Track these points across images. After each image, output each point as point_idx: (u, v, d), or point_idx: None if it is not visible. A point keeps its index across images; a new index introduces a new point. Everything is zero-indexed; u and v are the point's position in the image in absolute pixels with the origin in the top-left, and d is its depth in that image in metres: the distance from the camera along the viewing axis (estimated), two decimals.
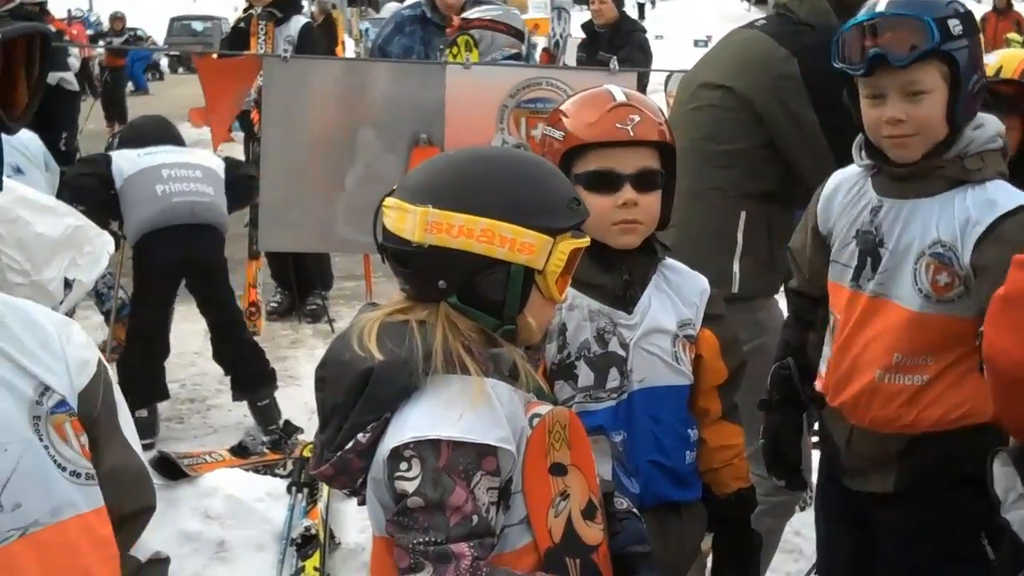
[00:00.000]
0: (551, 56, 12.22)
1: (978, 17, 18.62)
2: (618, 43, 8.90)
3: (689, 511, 2.69)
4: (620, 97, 2.61)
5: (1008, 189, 2.65)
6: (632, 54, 8.66)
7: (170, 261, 5.71)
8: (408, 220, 2.03)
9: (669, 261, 2.71)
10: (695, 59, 4.06)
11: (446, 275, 2.03)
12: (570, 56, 10.63)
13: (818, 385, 2.95)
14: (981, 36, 2.75)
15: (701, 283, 2.74)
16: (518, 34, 5.82)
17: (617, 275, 2.61)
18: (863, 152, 2.77)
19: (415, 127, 5.12)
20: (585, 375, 2.59)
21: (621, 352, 2.59)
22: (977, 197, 2.63)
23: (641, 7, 43.86)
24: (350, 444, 2.01)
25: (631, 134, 2.55)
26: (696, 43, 32.56)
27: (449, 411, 1.95)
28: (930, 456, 2.72)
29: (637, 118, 2.56)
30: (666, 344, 2.62)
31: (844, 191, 2.83)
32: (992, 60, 3.43)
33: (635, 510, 2.26)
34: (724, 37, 3.92)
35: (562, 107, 2.69)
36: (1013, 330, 2.13)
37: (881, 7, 2.60)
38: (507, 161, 2.16)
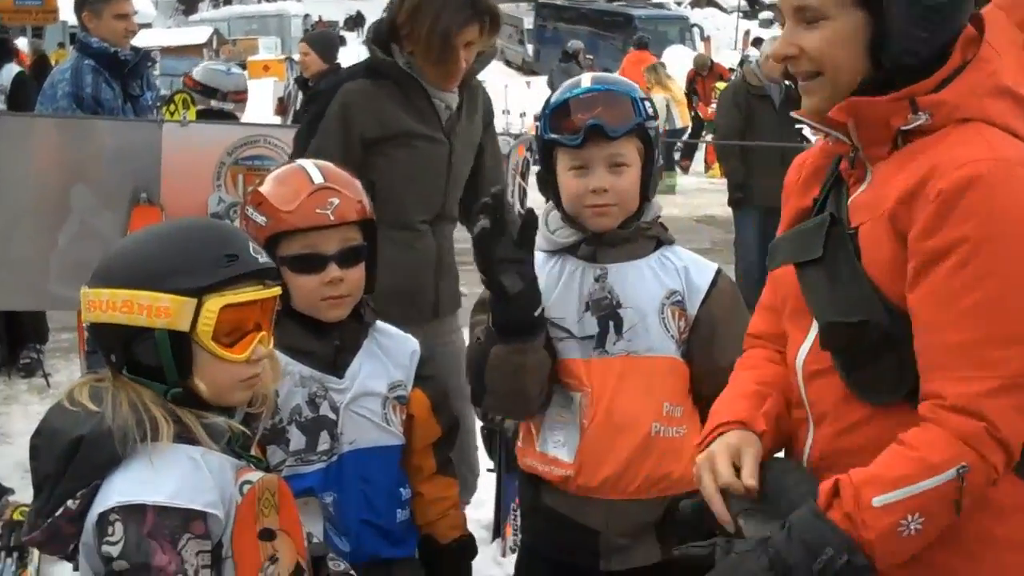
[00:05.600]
0: (284, 105, 12.02)
1: (682, 71, 19.37)
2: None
3: (400, 567, 2.78)
4: (318, 178, 2.66)
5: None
6: None
7: None
8: (81, 302, 2.15)
9: (380, 325, 2.81)
10: None
11: (111, 348, 2.13)
12: None
13: (548, 472, 2.82)
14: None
15: (411, 345, 2.86)
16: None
17: (328, 342, 2.70)
18: (559, 227, 2.83)
19: (133, 184, 5.04)
20: (296, 439, 2.65)
21: (332, 415, 2.67)
22: (683, 256, 2.85)
23: None
24: (60, 511, 2.05)
25: (331, 218, 2.62)
26: None
27: (156, 476, 2.03)
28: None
29: (336, 200, 2.63)
30: (376, 407, 2.72)
31: (543, 274, 2.77)
32: None
33: (352, 573, 2.36)
34: None
35: (262, 188, 2.71)
36: None
37: (588, 83, 2.78)
38: (158, 230, 2.27)
